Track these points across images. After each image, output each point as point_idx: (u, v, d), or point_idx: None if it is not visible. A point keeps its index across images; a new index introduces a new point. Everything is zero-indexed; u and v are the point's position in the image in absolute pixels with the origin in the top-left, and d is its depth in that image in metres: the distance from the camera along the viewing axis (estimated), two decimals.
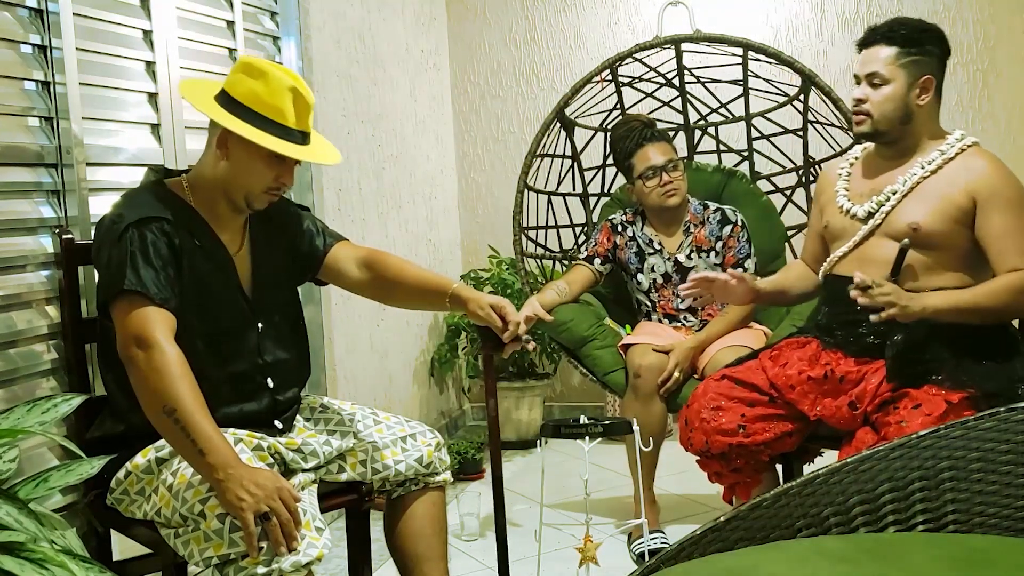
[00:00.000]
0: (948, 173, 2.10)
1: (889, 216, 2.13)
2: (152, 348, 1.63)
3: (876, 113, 2.14)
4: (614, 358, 2.89)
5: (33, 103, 1.93)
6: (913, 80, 2.12)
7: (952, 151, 2.12)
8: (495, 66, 4.34)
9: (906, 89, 2.12)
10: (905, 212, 2.11)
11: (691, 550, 1.03)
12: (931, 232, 2.08)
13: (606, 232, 3.03)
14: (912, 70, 2.12)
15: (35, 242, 1.93)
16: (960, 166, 2.10)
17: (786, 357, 2.25)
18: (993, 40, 3.80)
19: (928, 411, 1.93)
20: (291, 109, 1.77)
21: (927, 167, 2.12)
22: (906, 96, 2.12)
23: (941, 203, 2.08)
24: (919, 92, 2.13)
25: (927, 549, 0.98)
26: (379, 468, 1.97)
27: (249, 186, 1.83)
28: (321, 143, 1.92)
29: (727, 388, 2.26)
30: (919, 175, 2.12)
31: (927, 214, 2.08)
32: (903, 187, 2.12)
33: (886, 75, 2.12)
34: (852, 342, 2.16)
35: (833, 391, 2.13)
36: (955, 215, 2.07)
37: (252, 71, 1.78)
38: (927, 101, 2.13)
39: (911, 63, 2.12)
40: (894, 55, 2.12)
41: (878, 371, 2.08)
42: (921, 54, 2.12)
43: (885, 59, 2.12)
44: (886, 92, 2.12)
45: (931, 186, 2.10)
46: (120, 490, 1.78)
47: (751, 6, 4.01)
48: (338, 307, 3.11)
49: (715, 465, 2.32)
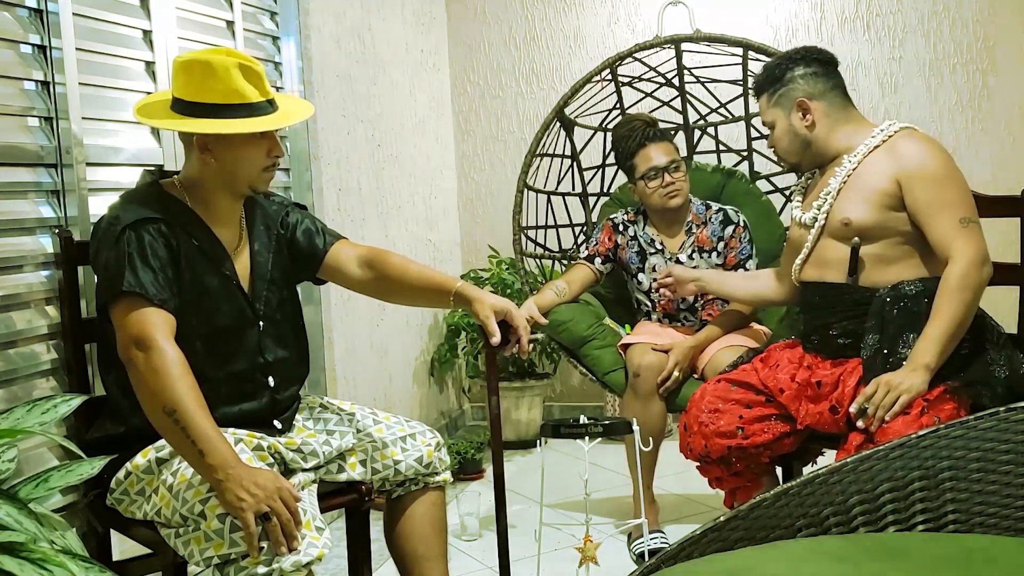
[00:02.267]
0: (873, 162, 2.14)
1: (828, 216, 2.18)
2: (152, 349, 1.63)
3: (780, 152, 2.31)
4: (614, 358, 2.89)
5: (33, 103, 1.93)
6: (788, 111, 2.25)
7: (876, 140, 2.16)
8: (495, 66, 4.34)
9: (787, 121, 2.25)
10: (839, 209, 2.15)
11: (691, 550, 1.03)
12: (864, 224, 2.11)
13: (607, 231, 3.03)
14: (782, 103, 2.25)
15: (35, 242, 1.93)
16: (884, 154, 2.14)
17: (776, 358, 2.28)
18: (993, 40, 3.80)
19: (907, 409, 1.94)
20: (247, 85, 1.76)
21: (853, 161, 2.17)
22: (791, 127, 2.25)
23: (869, 194, 2.12)
24: (800, 116, 2.23)
25: (927, 549, 0.98)
26: (379, 468, 1.97)
27: (247, 174, 1.83)
28: (289, 102, 1.92)
29: (724, 390, 2.27)
30: (847, 170, 2.17)
31: (857, 207, 2.12)
32: (835, 186, 2.17)
33: (769, 120, 2.30)
34: (827, 345, 2.19)
35: (815, 397, 2.16)
36: (885, 202, 2.10)
37: (194, 68, 1.76)
38: (813, 120, 2.22)
39: (779, 99, 2.26)
40: (765, 100, 2.29)
41: (854, 371, 2.10)
42: (782, 85, 2.25)
43: (762, 107, 2.31)
44: (776, 134, 2.29)
45: (859, 179, 2.15)
46: (120, 490, 1.78)
47: (751, 6, 4.01)
48: (338, 307, 3.11)
49: (715, 470, 2.33)
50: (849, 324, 2.13)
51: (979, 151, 3.86)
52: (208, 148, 1.79)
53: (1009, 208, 2.38)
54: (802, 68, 2.24)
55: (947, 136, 3.85)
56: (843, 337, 2.15)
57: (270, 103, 1.81)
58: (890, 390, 1.95)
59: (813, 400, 2.16)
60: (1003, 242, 2.51)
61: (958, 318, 1.99)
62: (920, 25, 3.85)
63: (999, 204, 2.41)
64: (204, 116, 1.75)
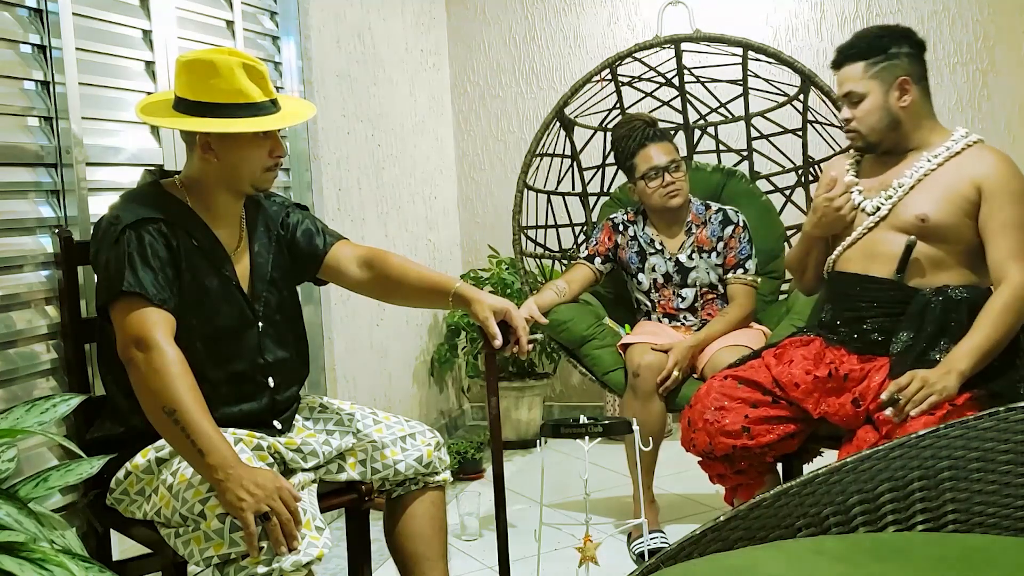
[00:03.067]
0: (955, 166, 2.11)
1: (896, 208, 2.14)
2: (152, 349, 1.63)
3: (864, 128, 2.18)
4: (613, 357, 2.89)
5: (33, 103, 1.93)
6: (888, 86, 2.15)
7: (958, 146, 2.14)
8: (495, 66, 4.34)
9: (884, 97, 2.15)
10: (912, 204, 2.12)
11: (691, 550, 1.03)
12: (939, 224, 2.09)
13: (607, 231, 3.03)
14: (884, 77, 2.15)
15: (35, 242, 1.93)
16: (967, 160, 2.11)
17: (790, 355, 2.24)
18: (993, 40, 3.80)
19: (931, 410, 1.93)
20: (251, 84, 1.77)
21: (933, 160, 2.13)
22: (886, 104, 2.15)
23: (949, 194, 2.09)
24: (898, 95, 2.15)
25: (927, 549, 0.97)
26: (379, 468, 1.97)
27: (249, 173, 1.83)
28: (291, 103, 1.93)
29: (730, 388, 2.25)
30: (926, 168, 2.13)
31: (935, 205, 2.09)
32: (910, 180, 2.14)
33: (860, 90, 2.16)
34: (856, 339, 2.16)
35: (836, 389, 2.13)
36: (963, 206, 2.08)
37: (197, 68, 1.76)
38: (910, 101, 2.15)
39: (881, 71, 2.15)
40: (862, 69, 2.16)
41: (881, 368, 2.08)
42: (887, 59, 2.15)
43: (855, 75, 2.17)
44: (866, 107, 2.16)
45: (938, 179, 2.11)
46: (120, 490, 1.78)
47: (751, 6, 4.01)
48: (338, 307, 3.11)
49: (718, 467, 2.31)
50: (886, 321, 2.10)
51: None
52: (211, 147, 1.79)
53: None
54: (908, 47, 2.16)
55: None
56: (877, 333, 2.12)
57: (273, 103, 1.81)
58: (923, 386, 1.94)
59: (835, 392, 2.13)
60: None
61: (999, 337, 1.99)
62: (920, 25, 3.84)
63: None
64: (208, 115, 1.75)
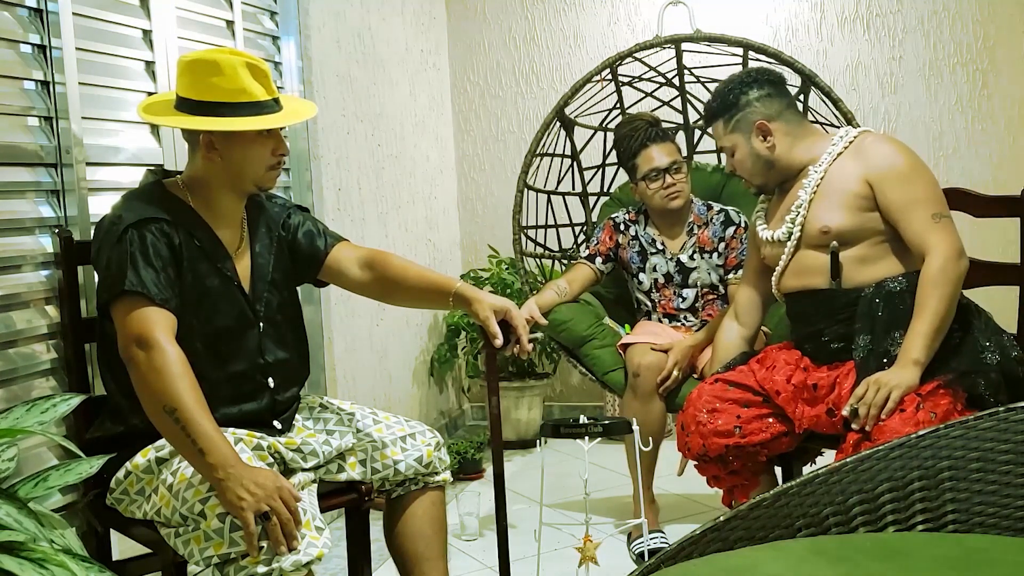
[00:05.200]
0: (840, 168, 2.16)
1: (804, 228, 2.19)
2: (153, 348, 1.63)
3: (746, 175, 2.30)
4: (613, 357, 2.89)
5: (32, 103, 1.93)
6: (748, 135, 2.25)
7: (838, 148, 2.18)
8: (495, 66, 4.34)
9: (748, 146, 2.25)
10: (814, 219, 2.17)
11: (691, 550, 1.03)
12: (843, 229, 2.13)
13: (608, 231, 3.03)
14: (742, 128, 2.25)
15: (34, 242, 1.93)
16: (849, 158, 2.16)
17: (772, 359, 2.28)
18: (993, 40, 3.80)
19: (903, 406, 1.94)
20: (254, 83, 1.77)
21: (819, 171, 2.18)
22: (753, 151, 2.25)
23: (843, 198, 2.13)
24: (761, 139, 2.23)
25: (926, 549, 0.98)
26: (379, 468, 1.97)
27: (253, 172, 1.84)
28: (293, 102, 1.93)
29: (721, 390, 2.27)
30: (815, 180, 2.18)
31: (833, 213, 2.14)
32: (805, 197, 2.18)
33: (728, 145, 2.28)
34: (821, 352, 2.20)
35: (811, 400, 2.16)
36: (860, 204, 2.12)
37: (200, 67, 1.77)
38: (775, 140, 2.22)
39: (737, 123, 2.25)
40: (722, 126, 2.28)
41: (849, 374, 2.10)
42: (739, 110, 2.24)
43: (719, 133, 2.30)
44: (738, 157, 2.27)
45: (830, 186, 2.16)
46: (120, 490, 1.78)
47: (751, 6, 4.01)
48: (338, 307, 3.11)
49: (713, 468, 2.33)
50: (839, 328, 2.14)
51: (979, 151, 3.86)
52: (215, 146, 1.80)
53: (1009, 208, 2.37)
54: (756, 91, 2.24)
55: (947, 136, 3.85)
56: (835, 341, 2.16)
57: (276, 102, 1.81)
58: (880, 388, 1.95)
59: (810, 403, 2.16)
60: (1003, 242, 2.51)
61: (941, 312, 1.99)
62: (920, 25, 3.84)
63: (999, 204, 2.41)
64: (211, 114, 1.75)
